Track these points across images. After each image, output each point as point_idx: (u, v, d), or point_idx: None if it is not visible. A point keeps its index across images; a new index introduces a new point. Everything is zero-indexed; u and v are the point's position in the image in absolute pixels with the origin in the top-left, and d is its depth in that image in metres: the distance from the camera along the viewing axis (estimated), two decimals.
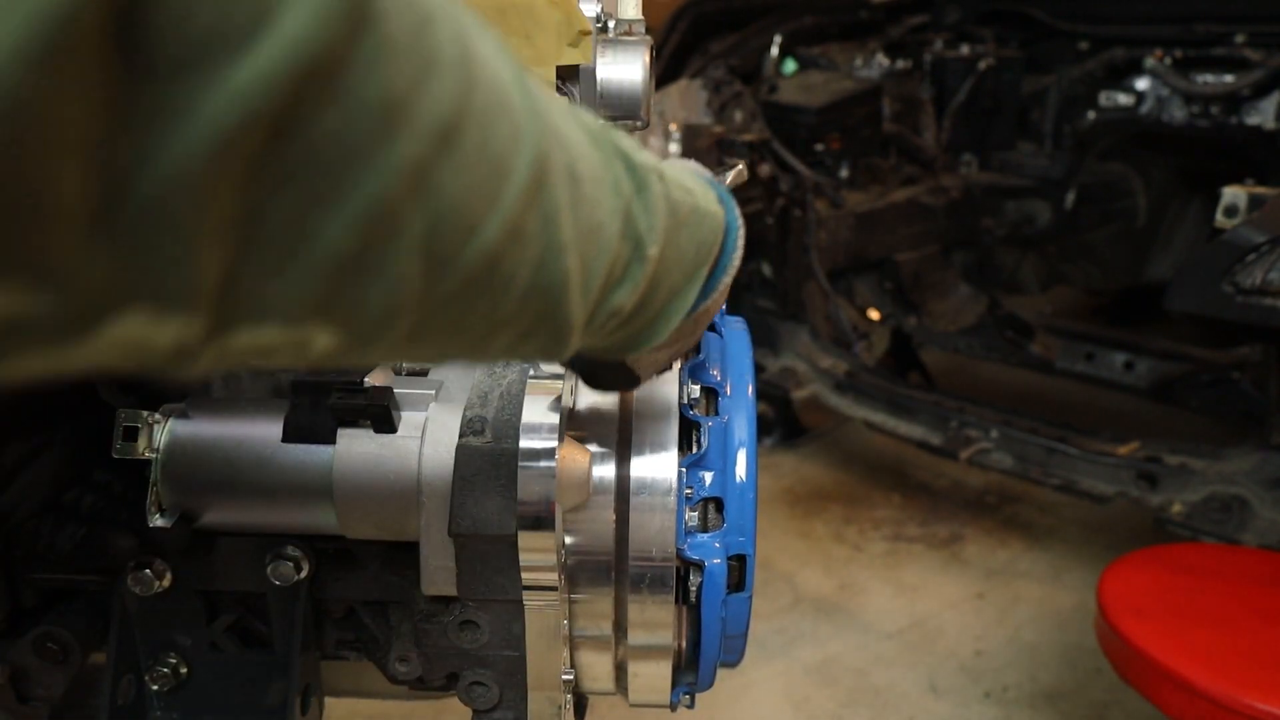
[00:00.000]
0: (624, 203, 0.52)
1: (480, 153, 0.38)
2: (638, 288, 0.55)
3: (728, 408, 0.96)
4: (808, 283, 3.37)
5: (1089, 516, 3.23)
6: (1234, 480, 2.47)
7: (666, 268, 0.58)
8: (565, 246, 0.45)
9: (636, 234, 0.54)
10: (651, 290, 0.58)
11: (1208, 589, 1.91)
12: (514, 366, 0.97)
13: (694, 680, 1.00)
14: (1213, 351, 3.06)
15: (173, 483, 0.95)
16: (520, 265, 0.43)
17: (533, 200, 0.42)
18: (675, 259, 0.59)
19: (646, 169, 0.56)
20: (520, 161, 0.41)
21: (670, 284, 0.60)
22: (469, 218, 0.38)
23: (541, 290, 0.46)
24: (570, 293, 0.48)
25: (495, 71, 0.40)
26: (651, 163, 0.57)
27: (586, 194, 0.47)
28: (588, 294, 0.50)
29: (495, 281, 0.42)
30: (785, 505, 3.39)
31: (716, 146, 3.20)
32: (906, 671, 2.60)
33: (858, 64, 3.78)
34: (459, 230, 0.38)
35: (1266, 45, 3.23)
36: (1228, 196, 2.44)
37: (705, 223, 0.63)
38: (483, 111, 0.38)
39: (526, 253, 0.43)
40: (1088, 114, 3.75)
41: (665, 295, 0.60)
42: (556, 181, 0.44)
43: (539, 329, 0.49)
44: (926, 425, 3.03)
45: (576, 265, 0.47)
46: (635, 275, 0.54)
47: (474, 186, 0.38)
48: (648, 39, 1.05)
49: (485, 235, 0.39)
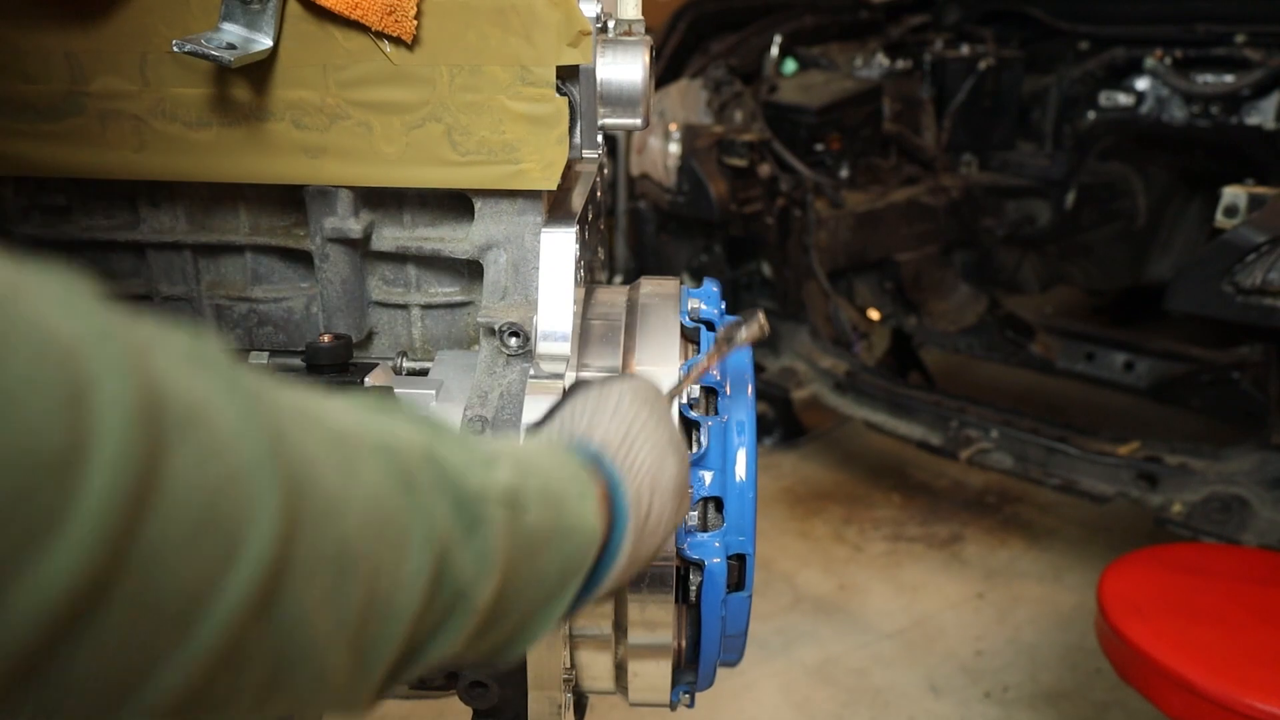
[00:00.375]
0: (435, 557, 0.47)
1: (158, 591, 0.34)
2: (462, 634, 0.50)
3: (727, 407, 0.96)
4: (808, 283, 3.37)
5: (1089, 516, 3.23)
6: (1234, 480, 2.47)
7: (512, 597, 0.54)
8: (317, 644, 0.41)
9: (457, 585, 0.49)
10: (492, 623, 0.53)
11: (1208, 589, 1.91)
12: (514, 366, 0.97)
13: (694, 679, 1.00)
14: (1213, 351, 3.06)
15: None
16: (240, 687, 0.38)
17: (255, 617, 0.37)
18: (529, 585, 0.55)
19: (484, 501, 0.51)
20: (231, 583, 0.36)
21: (523, 609, 0.56)
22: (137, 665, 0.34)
23: (291, 690, 0.41)
24: (333, 680, 0.43)
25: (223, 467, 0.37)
26: (500, 488, 0.52)
27: (362, 572, 0.42)
28: (371, 668, 0.45)
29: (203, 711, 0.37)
30: (785, 505, 3.39)
31: (716, 146, 3.20)
32: (906, 671, 2.60)
33: (858, 64, 3.78)
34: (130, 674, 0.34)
35: (1266, 45, 3.23)
36: (1228, 196, 2.44)
37: (572, 540, 0.59)
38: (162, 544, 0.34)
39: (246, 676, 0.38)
40: (1088, 114, 3.75)
41: (516, 621, 0.56)
42: (301, 582, 0.39)
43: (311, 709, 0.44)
44: (926, 425, 3.03)
45: (343, 653, 0.43)
46: (455, 626, 0.50)
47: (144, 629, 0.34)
48: (647, 39, 1.05)
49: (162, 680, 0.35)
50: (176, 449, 0.34)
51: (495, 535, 0.51)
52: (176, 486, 0.34)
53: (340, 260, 1.02)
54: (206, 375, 0.38)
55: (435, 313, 1.09)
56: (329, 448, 0.43)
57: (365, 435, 0.46)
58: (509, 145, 0.94)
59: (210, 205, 1.04)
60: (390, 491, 0.45)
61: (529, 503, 0.55)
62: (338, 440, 0.44)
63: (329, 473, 0.42)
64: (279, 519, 0.38)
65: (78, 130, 0.94)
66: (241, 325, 1.09)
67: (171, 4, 0.89)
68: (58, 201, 1.03)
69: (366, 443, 0.46)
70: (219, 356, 0.40)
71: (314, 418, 0.44)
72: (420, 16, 0.89)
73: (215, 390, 0.38)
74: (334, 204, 0.99)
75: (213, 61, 0.85)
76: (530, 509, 0.55)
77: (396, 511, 0.45)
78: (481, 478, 0.52)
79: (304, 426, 0.42)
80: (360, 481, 0.44)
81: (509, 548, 0.52)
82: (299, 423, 0.42)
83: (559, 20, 0.90)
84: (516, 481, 0.54)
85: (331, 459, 0.42)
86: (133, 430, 0.33)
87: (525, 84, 0.92)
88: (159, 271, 1.07)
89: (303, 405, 0.44)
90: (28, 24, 0.90)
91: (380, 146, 0.94)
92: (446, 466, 0.50)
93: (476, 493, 0.51)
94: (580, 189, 1.04)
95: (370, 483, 0.44)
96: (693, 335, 1.02)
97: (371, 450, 0.46)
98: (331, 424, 0.45)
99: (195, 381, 0.37)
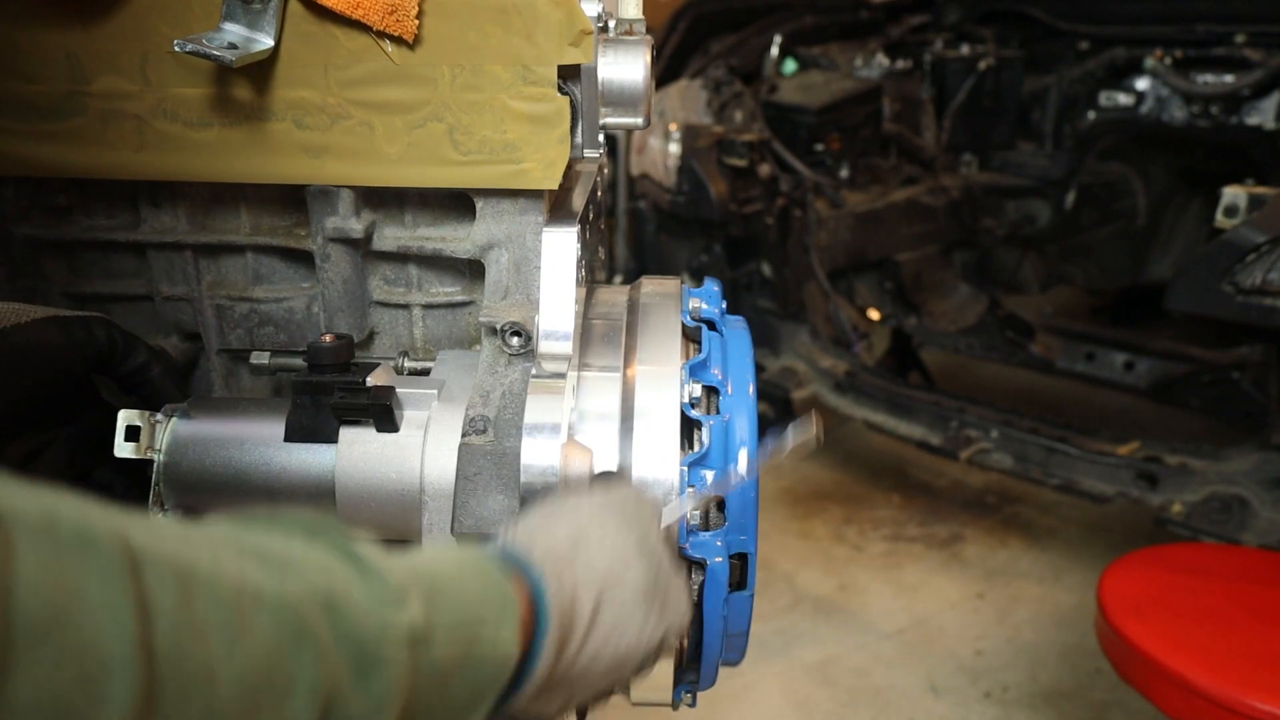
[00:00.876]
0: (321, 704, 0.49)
1: None
2: None
3: (729, 407, 0.96)
4: (808, 283, 3.37)
5: (1089, 516, 3.23)
6: (1234, 480, 2.47)
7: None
8: None
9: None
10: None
11: (1208, 589, 1.91)
12: (515, 365, 0.97)
13: (695, 679, 1.00)
14: (1213, 351, 3.06)
15: (174, 482, 0.95)
16: None
17: None
18: (435, 713, 0.57)
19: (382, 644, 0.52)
20: None
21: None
22: None
23: None
24: None
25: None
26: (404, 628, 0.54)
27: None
28: None
29: None
30: (785, 505, 3.39)
31: (716, 146, 3.20)
32: (906, 671, 2.60)
33: (858, 64, 3.78)
34: None
35: (1266, 45, 3.23)
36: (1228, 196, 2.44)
37: (482, 669, 0.60)
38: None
39: None
40: (1088, 114, 3.75)
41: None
42: None
43: None
44: (926, 425, 3.03)
45: None
46: None
47: None
48: (648, 39, 1.05)
49: None
50: (21, 663, 0.36)
51: (393, 676, 0.52)
52: (20, 697, 0.36)
53: (342, 260, 1.02)
54: (84, 563, 0.40)
55: (437, 312, 1.08)
56: (215, 612, 0.45)
57: (261, 590, 0.48)
58: (510, 145, 0.94)
59: (211, 205, 1.03)
60: (277, 648, 0.47)
61: (435, 638, 0.56)
62: (226, 604, 0.46)
63: (209, 641, 0.44)
64: (130, 706, 0.39)
65: (78, 130, 0.94)
66: (242, 325, 1.08)
67: (173, 3, 0.89)
68: (58, 201, 1.03)
69: (261, 599, 0.48)
70: (104, 535, 0.41)
71: (203, 581, 0.45)
72: (422, 16, 0.89)
73: (89, 581, 0.40)
74: (335, 204, 0.99)
75: (214, 61, 0.85)
76: (436, 644, 0.56)
77: (281, 667, 0.47)
78: (382, 620, 0.53)
79: (188, 596, 0.44)
80: (246, 643, 0.46)
81: (409, 685, 0.54)
82: (182, 593, 0.44)
83: (560, 20, 0.90)
84: (423, 618, 0.56)
85: (217, 623, 0.44)
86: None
87: (527, 83, 0.92)
88: (160, 271, 1.07)
89: (192, 569, 0.45)
90: (28, 23, 0.90)
91: (382, 146, 0.94)
92: (347, 611, 0.52)
93: (376, 637, 0.52)
94: (581, 188, 1.04)
95: (257, 642, 0.46)
96: (694, 335, 1.02)
97: (264, 609, 0.47)
98: (222, 584, 0.46)
99: (68, 575, 0.39)
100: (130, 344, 0.96)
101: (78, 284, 1.07)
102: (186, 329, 1.10)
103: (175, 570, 0.44)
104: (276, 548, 0.52)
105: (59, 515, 0.41)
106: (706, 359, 0.97)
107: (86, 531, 0.41)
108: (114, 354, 0.95)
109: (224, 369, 1.11)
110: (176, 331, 1.10)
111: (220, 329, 1.08)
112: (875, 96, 3.58)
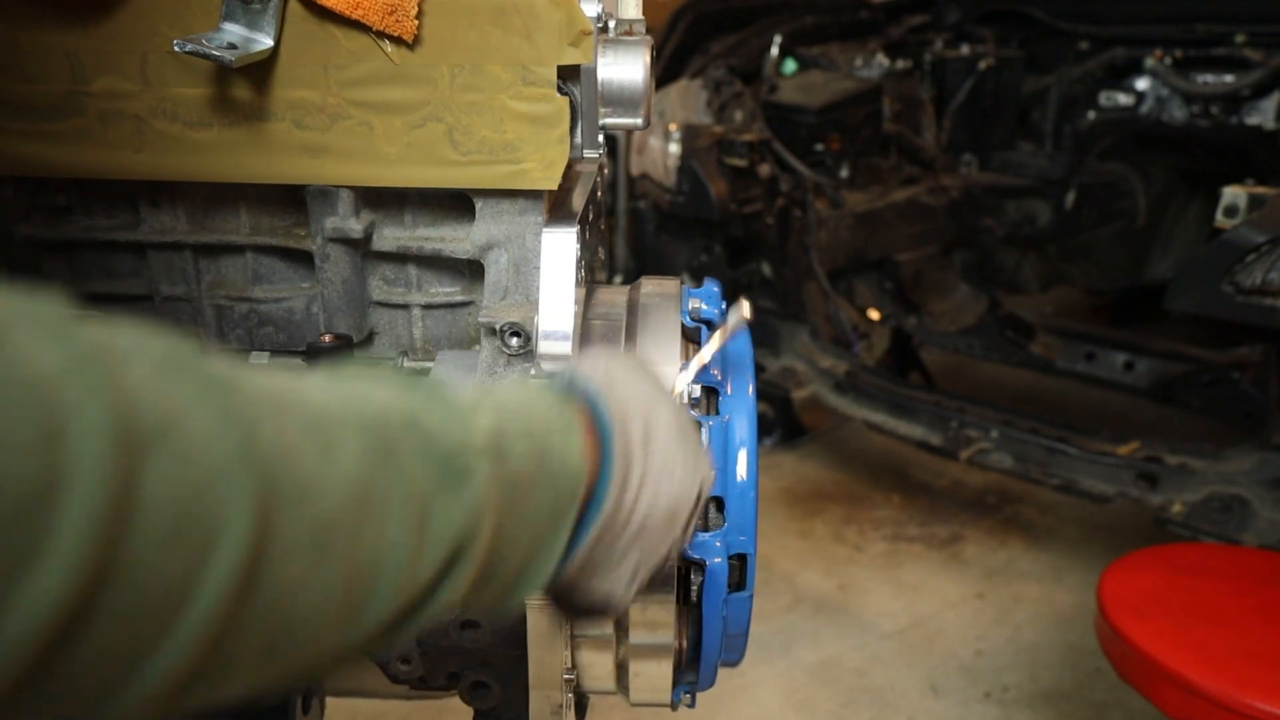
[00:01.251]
0: (418, 518, 0.50)
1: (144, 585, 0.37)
2: (463, 585, 0.54)
3: (728, 407, 0.96)
4: (808, 283, 3.37)
5: (1089, 516, 3.23)
6: (1234, 480, 2.47)
7: (508, 542, 0.57)
8: (304, 617, 0.44)
9: (449, 540, 0.52)
10: (491, 571, 0.56)
11: (1208, 589, 1.91)
12: (515, 366, 0.97)
13: (695, 679, 1.00)
14: (1213, 351, 3.06)
15: None
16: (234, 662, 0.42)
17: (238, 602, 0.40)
18: (521, 529, 0.58)
19: (467, 453, 0.53)
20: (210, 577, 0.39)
21: (519, 553, 0.59)
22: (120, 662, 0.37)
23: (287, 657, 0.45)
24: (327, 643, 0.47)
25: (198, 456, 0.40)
26: (482, 439, 0.55)
27: (342, 545, 0.46)
28: (364, 628, 0.49)
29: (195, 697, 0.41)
30: (785, 505, 3.39)
31: (716, 146, 3.20)
32: (906, 671, 2.60)
33: (858, 64, 3.78)
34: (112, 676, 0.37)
35: (1266, 45, 3.23)
36: (1228, 196, 2.44)
37: (559, 481, 0.60)
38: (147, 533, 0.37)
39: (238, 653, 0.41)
40: (1088, 114, 3.75)
41: (515, 566, 0.59)
42: (279, 565, 0.42)
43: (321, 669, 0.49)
44: (926, 425, 3.03)
45: (333, 619, 0.46)
46: (455, 577, 0.53)
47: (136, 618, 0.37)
48: (648, 39, 1.05)
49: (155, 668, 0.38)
50: (151, 463, 0.37)
51: (482, 486, 0.53)
52: (152, 499, 0.37)
53: (341, 260, 1.02)
54: (181, 381, 0.41)
55: (436, 313, 1.08)
56: (306, 432, 0.46)
57: (344, 413, 0.49)
58: (510, 145, 0.94)
59: (211, 205, 1.03)
60: (368, 464, 0.48)
61: (512, 448, 0.57)
62: (315, 424, 0.47)
63: (305, 458, 0.45)
64: (251, 513, 0.41)
65: (78, 130, 0.94)
66: (242, 325, 1.09)
67: (172, 3, 0.89)
68: (58, 201, 1.03)
69: (345, 420, 0.49)
70: (194, 360, 0.43)
71: (292, 404, 0.47)
72: (421, 16, 0.89)
73: (189, 396, 0.41)
74: (335, 204, 0.99)
75: (214, 61, 0.85)
76: (514, 455, 0.57)
77: (375, 482, 0.48)
78: (462, 431, 0.55)
79: (280, 416, 0.45)
80: (338, 460, 0.47)
81: (497, 496, 0.55)
82: (275, 414, 0.45)
83: (560, 20, 0.90)
84: (499, 427, 0.57)
85: (309, 443, 0.46)
86: (108, 455, 0.35)
87: (526, 84, 0.92)
88: (159, 271, 1.07)
89: (280, 394, 0.47)
90: (28, 23, 0.90)
91: (381, 146, 0.94)
92: (427, 428, 0.53)
93: (458, 448, 0.53)
94: (581, 189, 1.04)
95: (348, 459, 0.47)
96: (693, 335, 1.02)
97: (350, 427, 0.48)
98: (309, 408, 0.48)
99: (169, 389, 0.40)
100: None
101: (77, 284, 1.07)
102: (186, 329, 1.10)
103: (266, 394, 0.45)
104: (354, 383, 0.54)
105: (151, 341, 0.42)
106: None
107: (177, 355, 0.42)
108: None
109: None
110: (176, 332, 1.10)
111: (220, 329, 1.09)
112: (875, 96, 3.58)
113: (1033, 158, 3.88)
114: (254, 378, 0.46)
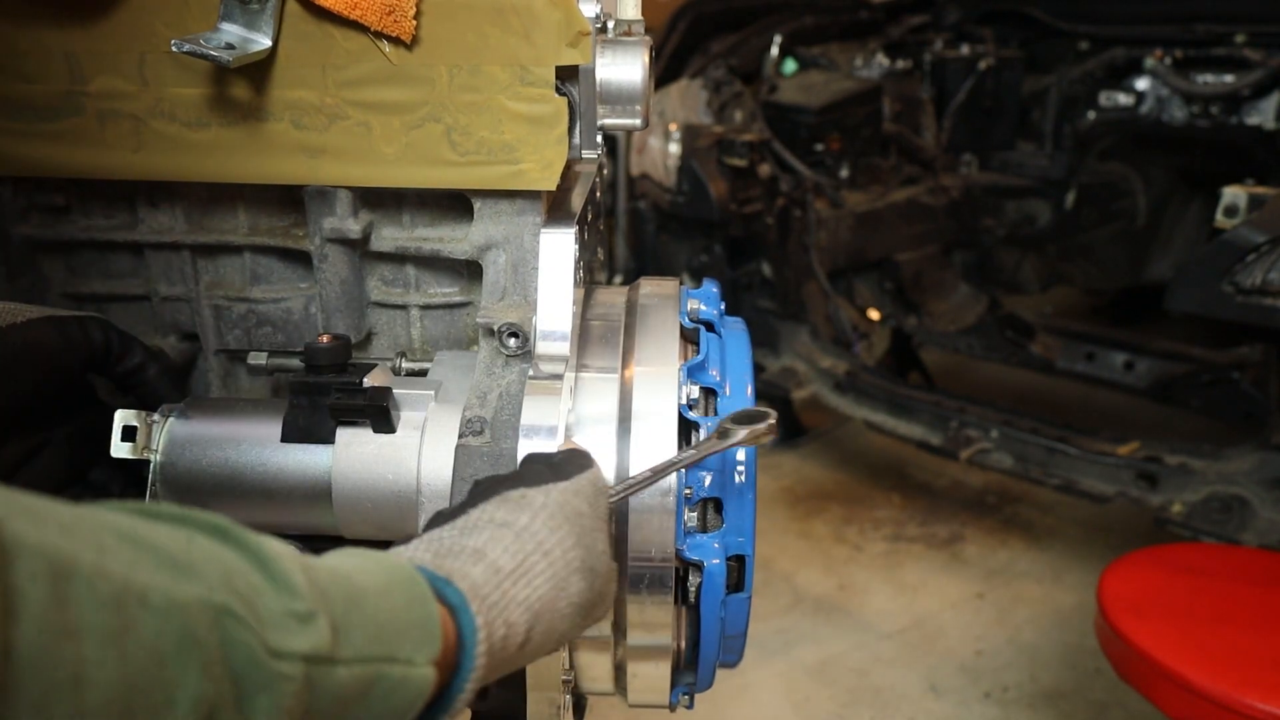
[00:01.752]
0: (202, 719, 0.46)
1: None
2: None
3: (727, 408, 0.96)
4: (808, 283, 3.37)
5: (1089, 516, 3.23)
6: (1234, 480, 2.47)
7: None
8: None
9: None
10: None
11: (1208, 589, 1.91)
12: (513, 366, 0.97)
13: (693, 680, 1.00)
14: (1213, 351, 3.06)
15: (171, 483, 0.95)
16: None
17: None
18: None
19: (280, 659, 0.49)
20: None
21: None
22: None
23: None
24: None
25: None
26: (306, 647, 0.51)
27: None
28: None
29: None
30: (785, 505, 3.39)
31: (716, 146, 3.20)
32: (906, 671, 2.60)
33: (858, 64, 3.78)
34: None
35: (1266, 45, 3.23)
36: (1228, 196, 2.44)
37: (390, 699, 0.57)
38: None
39: None
40: (1088, 114, 3.75)
41: None
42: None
43: None
44: (926, 425, 3.03)
45: None
46: None
47: None
48: (647, 39, 1.05)
49: None
50: None
51: (284, 694, 0.50)
52: None
53: (339, 260, 1.02)
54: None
55: (434, 313, 1.08)
56: (93, 613, 0.42)
57: (147, 594, 0.45)
58: (508, 145, 0.94)
59: (209, 205, 1.03)
60: (157, 655, 0.45)
61: (341, 658, 0.53)
62: (108, 603, 0.43)
63: (83, 642, 0.42)
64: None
65: (76, 130, 0.94)
66: (240, 325, 1.08)
67: (170, 4, 0.89)
68: (56, 201, 1.03)
69: (147, 602, 0.45)
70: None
71: (86, 579, 0.43)
72: (419, 16, 0.89)
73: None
74: (333, 204, 0.99)
75: (212, 61, 0.85)
76: (341, 665, 0.53)
77: (161, 675, 0.45)
78: (284, 636, 0.51)
79: (67, 593, 0.42)
80: (122, 647, 0.43)
81: (303, 708, 0.51)
82: (60, 590, 0.41)
83: (558, 20, 0.90)
84: (330, 637, 0.53)
85: (92, 625, 0.42)
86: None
87: (525, 84, 0.92)
88: (158, 271, 1.07)
89: (81, 563, 0.43)
90: (27, 24, 0.90)
91: (379, 146, 0.94)
92: (242, 623, 0.49)
93: (273, 652, 0.50)
94: (580, 189, 1.03)
95: (136, 647, 0.44)
96: (692, 336, 1.01)
97: (149, 611, 0.45)
98: (108, 583, 0.44)
99: None
100: (127, 344, 0.96)
101: (75, 284, 1.07)
102: (184, 329, 1.10)
103: (51, 563, 0.41)
104: (178, 546, 0.49)
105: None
106: (704, 360, 0.97)
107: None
108: (110, 354, 0.95)
109: (221, 369, 1.11)
110: (174, 332, 1.10)
111: (218, 329, 1.08)
112: (875, 96, 3.58)
113: (1033, 158, 3.88)
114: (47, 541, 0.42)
